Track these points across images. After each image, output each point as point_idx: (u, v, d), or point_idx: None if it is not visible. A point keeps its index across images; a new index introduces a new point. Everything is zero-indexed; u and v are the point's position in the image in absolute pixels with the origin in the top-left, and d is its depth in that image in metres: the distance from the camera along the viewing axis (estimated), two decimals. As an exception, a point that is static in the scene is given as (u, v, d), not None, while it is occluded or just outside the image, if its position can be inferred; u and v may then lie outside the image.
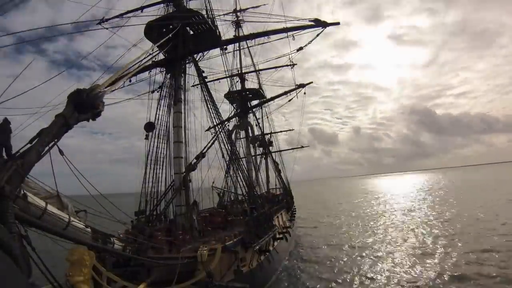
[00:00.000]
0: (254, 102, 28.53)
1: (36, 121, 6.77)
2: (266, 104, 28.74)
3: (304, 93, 22.84)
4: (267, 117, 30.97)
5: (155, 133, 12.64)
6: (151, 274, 8.28)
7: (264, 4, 25.24)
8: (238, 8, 25.33)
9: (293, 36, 12.69)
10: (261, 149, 32.29)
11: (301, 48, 14.13)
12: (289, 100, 23.62)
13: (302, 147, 37.20)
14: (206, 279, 7.97)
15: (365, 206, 45.31)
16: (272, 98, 24.88)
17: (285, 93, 23.01)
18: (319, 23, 12.57)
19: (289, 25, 12.67)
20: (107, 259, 7.87)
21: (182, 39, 12.89)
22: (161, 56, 12.83)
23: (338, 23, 13.00)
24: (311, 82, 24.18)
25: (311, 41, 13.47)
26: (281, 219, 20.29)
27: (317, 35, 12.99)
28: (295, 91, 22.54)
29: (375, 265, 15.03)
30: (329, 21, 12.74)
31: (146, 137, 12.02)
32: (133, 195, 12.29)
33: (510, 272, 12.19)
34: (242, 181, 14.21)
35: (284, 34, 12.74)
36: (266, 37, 13.25)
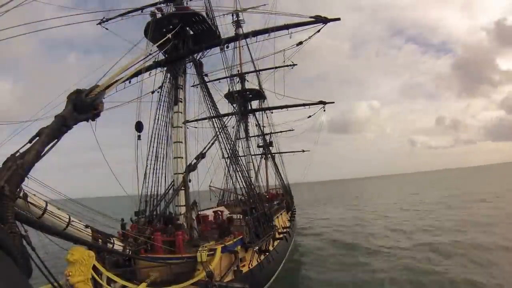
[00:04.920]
0: (255, 102, 28.56)
1: (36, 122, 6.79)
2: (266, 103, 28.74)
3: (324, 110, 22.77)
4: (267, 117, 30.90)
5: (155, 133, 12.67)
6: (150, 274, 8.29)
7: (264, 4, 25.13)
8: (238, 8, 25.26)
9: (290, 34, 12.70)
10: (261, 149, 32.26)
11: (301, 43, 14.05)
12: (309, 117, 23.79)
13: (303, 151, 37.05)
14: (206, 279, 7.99)
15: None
16: (287, 106, 24.91)
17: (303, 105, 23.11)
18: (320, 19, 12.60)
19: (289, 22, 12.69)
20: (107, 259, 7.90)
21: (182, 39, 12.91)
22: (161, 56, 12.84)
23: (338, 19, 12.99)
24: (333, 102, 23.81)
25: (311, 37, 13.43)
26: (281, 219, 20.30)
27: (318, 31, 13.00)
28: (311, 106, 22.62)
29: (377, 265, 15.03)
30: (329, 17, 12.76)
31: (139, 138, 11.97)
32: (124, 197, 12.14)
33: None
34: (242, 182, 14.21)
35: (285, 31, 12.74)
36: (266, 35, 13.23)
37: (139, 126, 11.96)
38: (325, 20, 12.59)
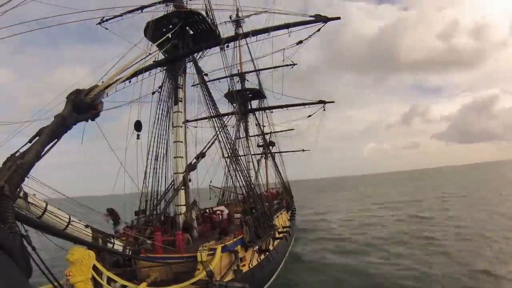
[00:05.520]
0: (255, 102, 28.51)
1: (35, 122, 6.78)
2: (266, 103, 28.74)
3: (324, 109, 22.57)
4: (267, 117, 30.86)
5: (155, 133, 12.67)
6: (150, 274, 8.30)
7: (266, 11, 25.02)
8: (238, 7, 25.22)
9: (289, 33, 12.67)
10: (261, 149, 32.23)
11: (301, 42, 14.03)
12: (308, 116, 23.66)
13: (303, 150, 37.01)
14: (206, 279, 7.99)
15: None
16: (287, 106, 24.82)
17: (303, 104, 22.94)
18: (320, 18, 12.57)
19: (290, 21, 12.65)
20: (107, 258, 7.90)
21: (182, 38, 12.90)
22: (161, 56, 12.82)
23: (338, 18, 12.98)
24: (333, 102, 23.73)
25: (311, 36, 13.39)
26: (281, 219, 20.31)
27: (318, 29, 12.98)
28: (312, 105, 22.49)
29: (376, 264, 15.04)
30: (329, 16, 12.73)
31: (138, 137, 11.97)
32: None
33: None
34: (242, 181, 14.21)
35: (285, 30, 12.70)
36: (266, 34, 13.19)
37: (138, 125, 11.96)
38: (325, 19, 12.55)
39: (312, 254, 18.45)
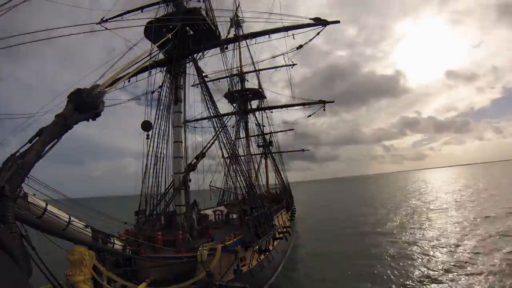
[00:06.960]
0: (254, 102, 28.55)
1: (36, 122, 6.78)
2: (266, 103, 28.79)
3: (324, 109, 22.70)
4: (267, 117, 30.90)
5: (155, 133, 12.65)
6: (151, 274, 8.29)
7: (270, 13, 25.09)
8: (238, 8, 25.25)
9: (293, 35, 12.68)
10: (261, 149, 32.24)
11: (301, 46, 14.07)
12: (308, 116, 23.74)
13: (303, 150, 37.05)
14: (206, 279, 7.98)
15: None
16: (287, 106, 24.89)
17: (303, 104, 23.02)
18: (320, 22, 12.59)
19: (289, 24, 12.68)
20: (107, 258, 7.89)
21: (182, 39, 12.90)
22: (161, 56, 12.83)
23: (338, 22, 13.01)
24: (333, 101, 23.81)
25: (311, 39, 13.41)
26: (281, 219, 20.30)
27: (318, 33, 12.98)
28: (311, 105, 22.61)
29: (376, 264, 15.03)
30: (329, 19, 12.77)
31: (147, 137, 11.95)
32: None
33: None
34: (242, 181, 14.18)
35: (285, 33, 12.73)
36: (266, 36, 13.22)
37: (146, 125, 11.90)
38: (325, 23, 12.57)
39: (312, 253, 18.41)
